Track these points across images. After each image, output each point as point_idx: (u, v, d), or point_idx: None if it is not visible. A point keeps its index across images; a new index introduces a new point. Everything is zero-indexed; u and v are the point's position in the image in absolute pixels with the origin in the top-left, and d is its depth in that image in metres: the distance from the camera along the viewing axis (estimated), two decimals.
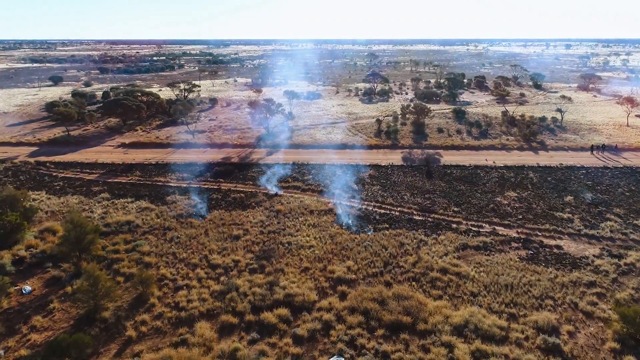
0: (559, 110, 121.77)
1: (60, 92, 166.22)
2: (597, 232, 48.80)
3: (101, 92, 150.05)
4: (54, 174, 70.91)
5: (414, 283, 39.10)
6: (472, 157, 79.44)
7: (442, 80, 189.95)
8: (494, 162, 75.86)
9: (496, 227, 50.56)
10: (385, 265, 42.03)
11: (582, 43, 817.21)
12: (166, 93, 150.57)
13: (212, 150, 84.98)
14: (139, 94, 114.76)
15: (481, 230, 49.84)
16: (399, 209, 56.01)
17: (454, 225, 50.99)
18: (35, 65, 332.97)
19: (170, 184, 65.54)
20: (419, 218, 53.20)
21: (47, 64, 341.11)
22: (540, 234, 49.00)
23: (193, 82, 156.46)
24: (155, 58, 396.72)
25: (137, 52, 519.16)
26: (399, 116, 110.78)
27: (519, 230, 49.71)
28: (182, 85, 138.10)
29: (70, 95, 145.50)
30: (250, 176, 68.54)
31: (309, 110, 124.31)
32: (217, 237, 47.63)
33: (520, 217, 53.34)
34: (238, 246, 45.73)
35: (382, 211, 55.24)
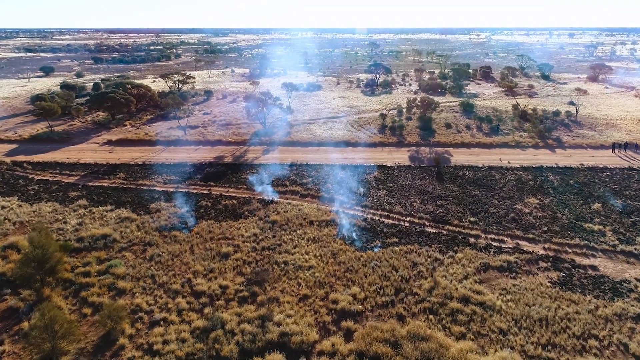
0: (572, 103, 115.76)
1: (50, 84, 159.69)
2: (635, 249, 42.99)
3: (92, 84, 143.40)
4: (31, 175, 64.99)
5: (431, 316, 33.29)
6: (484, 157, 73.45)
7: (446, 71, 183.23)
8: (508, 162, 69.91)
9: (519, 242, 44.74)
10: (396, 292, 36.24)
11: (585, 32, 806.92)
12: (160, 84, 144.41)
13: (204, 149, 78.98)
14: (129, 86, 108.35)
15: (503, 245, 44.02)
16: (408, 219, 50.15)
17: (472, 240, 45.16)
18: (28, 54, 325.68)
19: (156, 188, 59.62)
20: (432, 230, 47.34)
21: (41, 54, 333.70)
22: (570, 250, 43.17)
23: (188, 72, 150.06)
24: (152, 47, 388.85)
25: (135, 41, 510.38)
26: (404, 110, 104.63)
27: (546, 246, 43.87)
28: (175, 77, 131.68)
29: (59, 87, 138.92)
30: (244, 179, 62.62)
31: (308, 103, 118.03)
32: (203, 256, 41.81)
33: (545, 229, 47.50)
34: (227, 267, 39.92)
35: (390, 221, 49.38)
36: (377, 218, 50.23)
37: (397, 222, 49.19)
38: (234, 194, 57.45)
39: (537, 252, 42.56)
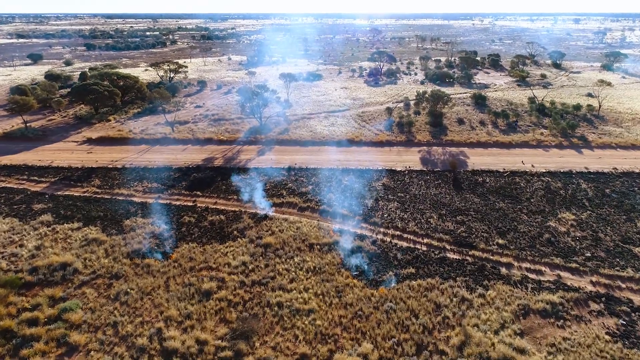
0: (590, 95, 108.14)
1: (37, 72, 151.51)
2: None
3: (79, 73, 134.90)
4: None
5: None
6: (504, 159, 65.83)
7: (453, 59, 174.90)
8: (532, 166, 62.34)
9: (561, 274, 37.30)
10: (418, 349, 28.88)
11: (589, 17, 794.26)
12: (151, 74, 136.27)
13: (193, 148, 71.28)
14: (115, 77, 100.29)
15: (542, 278, 36.60)
16: (426, 240, 42.67)
17: (504, 270, 37.71)
18: (20, 40, 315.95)
19: (134, 199, 52.09)
20: (455, 256, 39.89)
21: (34, 40, 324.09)
22: (624, 285, 35.76)
23: (183, 60, 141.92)
24: (148, 33, 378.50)
25: (131, 27, 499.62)
26: (411, 103, 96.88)
27: (594, 280, 36.42)
28: (166, 66, 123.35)
29: (44, 76, 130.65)
30: (234, 187, 55.03)
31: (308, 95, 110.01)
32: (180, 294, 34.36)
33: (589, 254, 40.05)
34: (208, 311, 32.51)
35: (405, 244, 41.92)
36: (388, 239, 42.75)
37: (412, 245, 41.73)
38: (223, 207, 49.92)
39: (585, 289, 35.12)
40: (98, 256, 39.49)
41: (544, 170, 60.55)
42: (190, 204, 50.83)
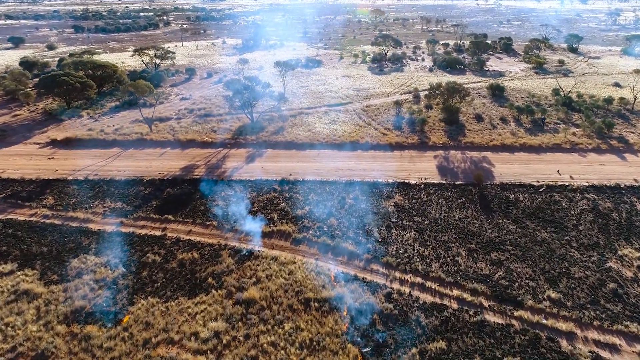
0: (617, 84, 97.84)
1: (15, 58, 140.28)
2: None
3: (58, 59, 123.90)
4: None
5: None
6: (536, 167, 55.83)
7: (462, 42, 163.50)
8: (571, 178, 52.36)
9: None
10: None
11: None
12: (138, 59, 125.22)
13: (172, 153, 61.27)
14: (90, 66, 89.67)
15: (619, 359, 26.89)
16: (455, 292, 32.93)
17: (564, 344, 28.08)
18: (8, 22, 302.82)
19: (90, 226, 42.28)
20: (496, 320, 30.19)
21: (22, 21, 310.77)
22: None
23: (172, 44, 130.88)
24: (142, 14, 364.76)
25: (126, 7, 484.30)
26: (422, 94, 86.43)
27: None
28: (152, 52, 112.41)
29: (19, 63, 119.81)
30: (215, 207, 45.17)
31: (306, 85, 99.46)
32: None
33: None
34: None
35: (429, 298, 32.21)
36: (407, 291, 33.01)
37: (439, 300, 32.02)
38: (198, 238, 40.15)
39: None
40: (25, 320, 29.83)
41: (587, 184, 50.57)
42: (158, 233, 41.03)
